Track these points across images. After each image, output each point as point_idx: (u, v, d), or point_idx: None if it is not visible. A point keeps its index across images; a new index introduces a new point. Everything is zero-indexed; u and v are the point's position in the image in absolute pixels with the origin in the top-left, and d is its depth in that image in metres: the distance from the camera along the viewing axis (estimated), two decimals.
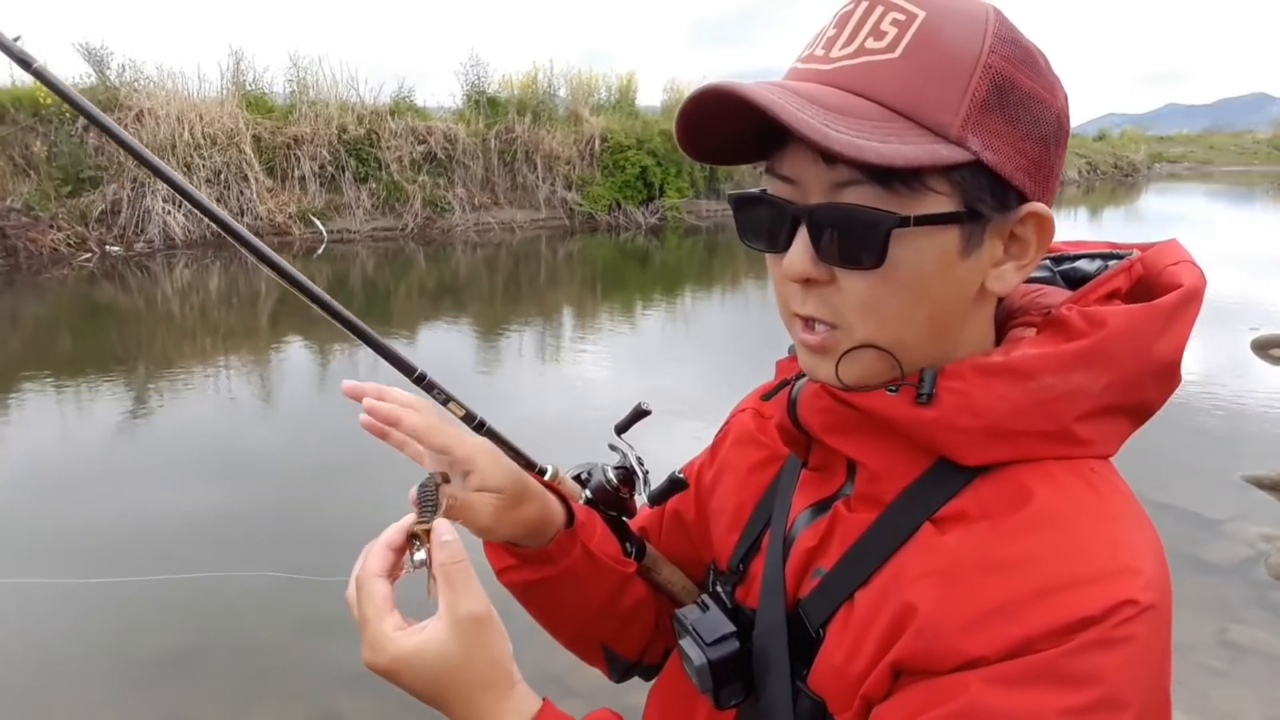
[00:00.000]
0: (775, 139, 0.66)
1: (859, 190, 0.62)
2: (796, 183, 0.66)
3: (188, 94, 12.93)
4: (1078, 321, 0.65)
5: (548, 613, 0.93)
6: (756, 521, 0.85)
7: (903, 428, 0.66)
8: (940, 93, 0.61)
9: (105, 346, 7.72)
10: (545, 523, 0.85)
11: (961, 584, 0.61)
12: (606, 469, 0.93)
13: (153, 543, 3.88)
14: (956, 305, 0.67)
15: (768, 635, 0.76)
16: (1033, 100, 0.64)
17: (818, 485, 0.78)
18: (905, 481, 0.69)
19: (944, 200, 0.62)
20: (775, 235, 0.68)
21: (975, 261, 0.65)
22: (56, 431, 5.45)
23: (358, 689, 2.85)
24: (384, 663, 0.65)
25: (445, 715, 0.68)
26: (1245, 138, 55.84)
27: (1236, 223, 19.47)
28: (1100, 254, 0.76)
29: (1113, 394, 0.65)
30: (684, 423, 4.11)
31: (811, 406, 0.72)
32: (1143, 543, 0.62)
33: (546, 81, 15.93)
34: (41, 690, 2.90)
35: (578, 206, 15.21)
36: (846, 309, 0.65)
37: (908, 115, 0.61)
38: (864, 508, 0.71)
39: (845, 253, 0.63)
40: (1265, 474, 4.62)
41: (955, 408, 0.64)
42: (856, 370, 0.67)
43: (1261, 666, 3.07)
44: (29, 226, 10.81)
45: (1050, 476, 0.64)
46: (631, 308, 9.99)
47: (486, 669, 0.66)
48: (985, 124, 0.62)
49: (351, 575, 0.69)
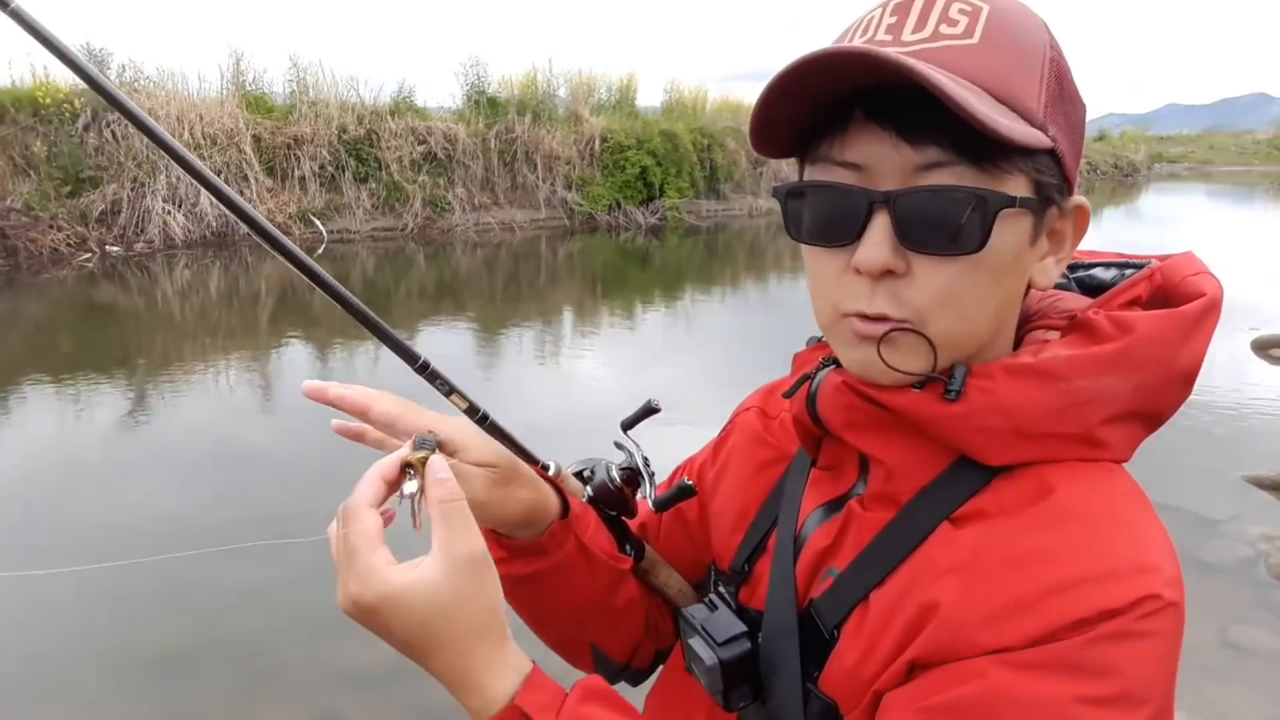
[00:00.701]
0: (829, 126, 0.63)
1: (949, 172, 0.60)
2: (865, 169, 0.62)
3: (188, 94, 12.95)
4: (1106, 325, 0.65)
5: (537, 610, 0.88)
6: (762, 522, 0.83)
7: (928, 425, 0.65)
8: (1023, 79, 0.61)
9: (105, 346, 7.72)
10: (539, 510, 0.80)
11: (982, 578, 0.60)
12: (611, 467, 0.90)
13: (151, 541, 3.88)
14: (1016, 297, 0.67)
15: (777, 637, 0.74)
16: (1074, 98, 0.65)
17: (829, 484, 0.76)
18: (923, 481, 0.68)
19: (1024, 184, 0.62)
20: (845, 226, 0.64)
21: (1035, 252, 0.65)
22: (55, 431, 5.45)
23: (360, 690, 2.85)
24: (371, 600, 0.60)
25: (430, 666, 0.62)
26: (1245, 138, 55.83)
27: (1237, 223, 19.47)
28: (1115, 263, 0.76)
29: (1136, 399, 0.65)
30: (683, 422, 4.11)
31: (833, 402, 0.70)
32: (1161, 542, 0.62)
33: (546, 81, 15.94)
34: (41, 690, 2.90)
35: (578, 206, 15.21)
36: (925, 302, 0.63)
37: (999, 97, 0.60)
38: (879, 507, 0.70)
39: (940, 238, 0.61)
40: (1265, 474, 4.62)
41: (984, 407, 0.63)
42: (905, 359, 0.64)
43: (1261, 666, 3.07)
44: (29, 226, 10.81)
45: (1071, 474, 0.63)
46: (631, 308, 9.99)
47: (482, 614, 0.62)
48: (1056, 113, 0.62)
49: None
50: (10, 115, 11.41)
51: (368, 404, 0.73)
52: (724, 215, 16.81)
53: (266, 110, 13.58)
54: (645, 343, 8.25)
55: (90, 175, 11.53)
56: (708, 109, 18.44)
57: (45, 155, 11.31)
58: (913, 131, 0.60)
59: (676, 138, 15.89)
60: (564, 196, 15.25)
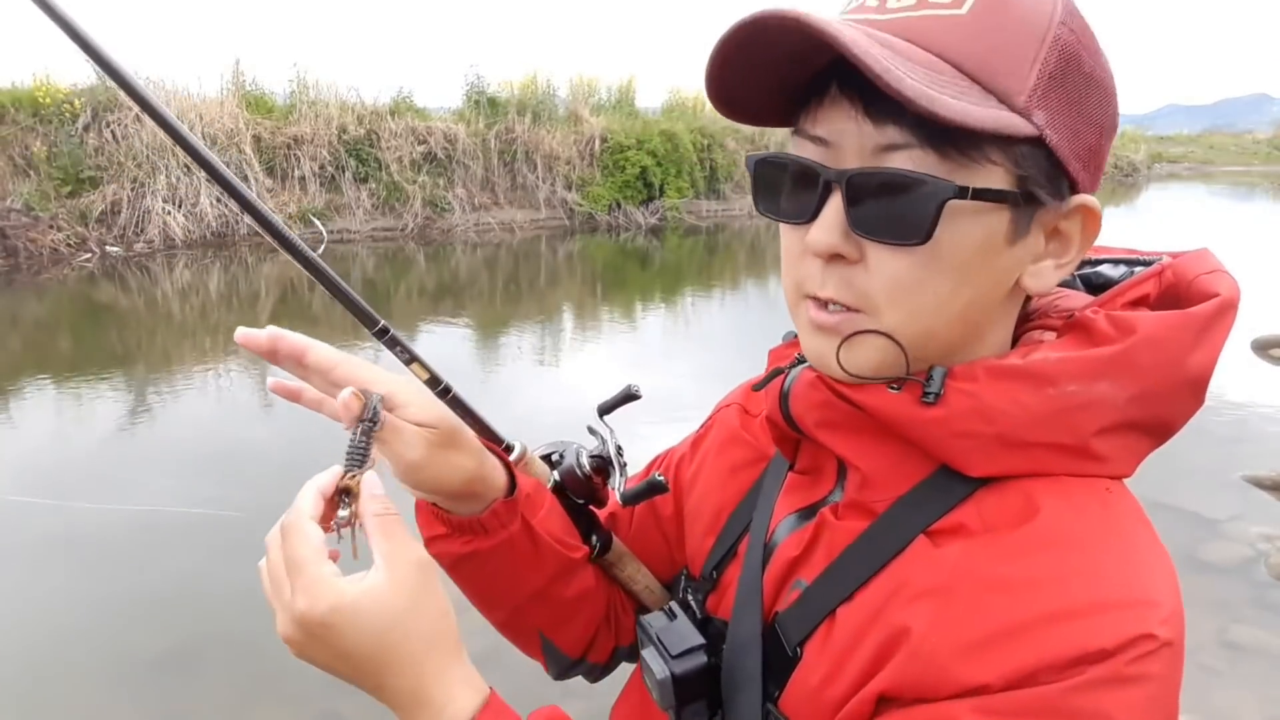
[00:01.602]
0: (808, 95, 0.59)
1: (907, 155, 0.55)
2: (831, 144, 0.58)
3: (188, 94, 12.94)
4: (1104, 326, 0.60)
5: (480, 590, 0.82)
6: (734, 527, 0.78)
7: (904, 429, 0.60)
8: (1010, 57, 0.55)
9: (105, 346, 7.72)
10: (480, 484, 0.74)
11: (959, 603, 0.55)
12: (581, 453, 0.85)
13: (150, 539, 3.88)
14: (991, 299, 0.61)
15: (740, 651, 0.69)
16: (1094, 83, 0.58)
17: (804, 490, 0.71)
18: (901, 490, 0.63)
19: (999, 176, 0.56)
20: (801, 203, 0.60)
21: (1018, 252, 0.59)
22: (54, 430, 5.45)
23: (358, 691, 2.85)
24: (321, 613, 0.56)
25: (385, 684, 0.58)
26: (1245, 138, 55.78)
27: (1237, 223, 19.46)
28: (1124, 260, 0.70)
29: (1137, 408, 0.59)
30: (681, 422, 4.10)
31: (806, 399, 0.65)
32: (1161, 573, 0.56)
33: (546, 81, 15.93)
34: (41, 691, 2.90)
35: (578, 206, 15.20)
36: (874, 292, 0.58)
37: (973, 76, 0.55)
38: (853, 516, 0.65)
39: (886, 225, 0.56)
40: (1265, 474, 4.62)
41: (964, 411, 0.58)
42: (861, 358, 0.60)
43: (1261, 666, 3.07)
44: (29, 226, 10.80)
45: (1062, 491, 0.58)
46: (631, 308, 9.98)
47: (437, 620, 0.59)
48: (1051, 99, 0.56)
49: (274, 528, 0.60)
50: (10, 115, 11.40)
51: (304, 348, 0.68)
52: (724, 215, 16.80)
53: (266, 110, 13.57)
54: (645, 342, 8.24)
55: (90, 175, 11.52)
56: (708, 109, 18.43)
57: (45, 155, 11.30)
58: (877, 109, 0.55)
59: (676, 138, 15.87)
60: (564, 196, 15.24)
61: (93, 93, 11.74)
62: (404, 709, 0.59)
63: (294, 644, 0.59)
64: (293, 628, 0.58)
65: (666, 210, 15.64)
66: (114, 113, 11.72)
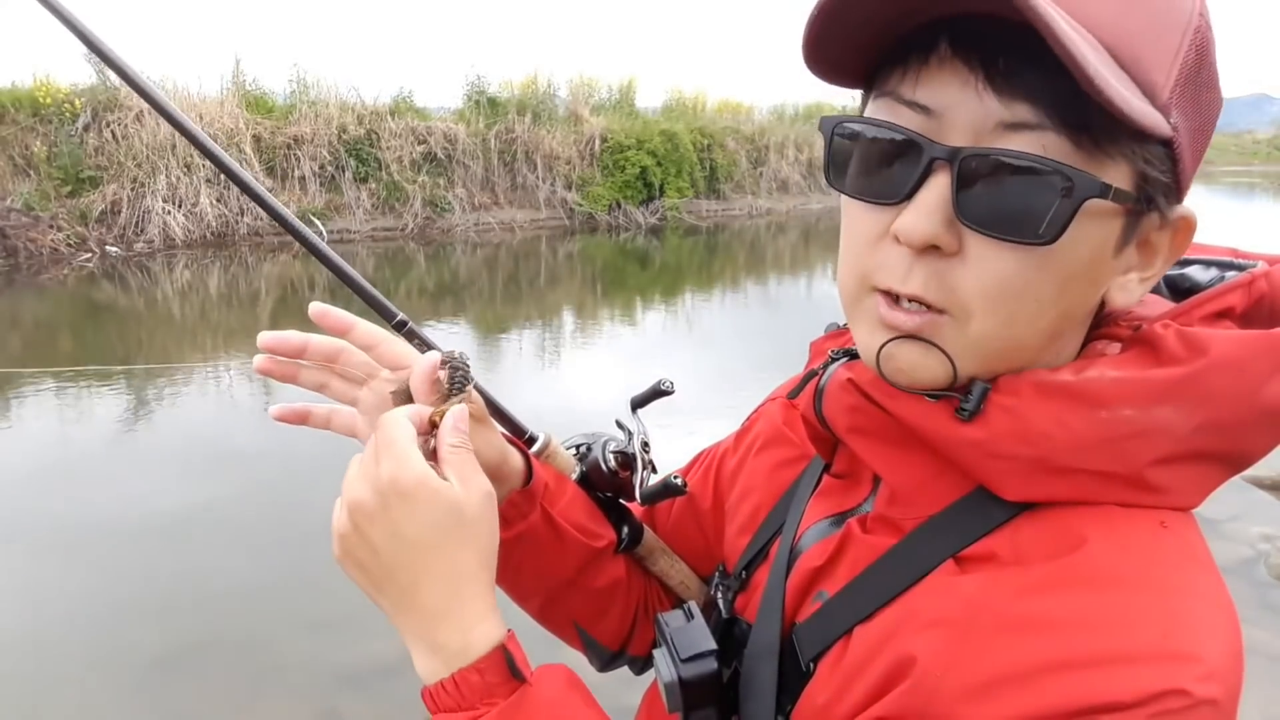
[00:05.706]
0: (905, 50, 0.51)
1: (1036, 138, 0.48)
2: (935, 114, 0.50)
3: (187, 94, 12.93)
4: (1172, 344, 0.52)
5: (507, 581, 0.80)
6: (769, 526, 0.75)
7: (938, 444, 0.55)
8: (1156, 47, 0.49)
9: (105, 346, 7.71)
10: (506, 468, 0.74)
11: (973, 640, 0.50)
12: (608, 446, 0.83)
13: (150, 539, 3.88)
14: (1081, 312, 0.55)
15: (758, 658, 0.65)
16: (1213, 85, 0.52)
17: (838, 495, 0.67)
18: (932, 508, 0.58)
19: (1124, 176, 0.49)
20: (892, 180, 0.52)
21: (1117, 263, 0.53)
22: (54, 430, 5.44)
23: (358, 687, 2.85)
24: (408, 481, 0.56)
25: (415, 585, 0.58)
26: (1245, 138, 55.82)
27: (1237, 223, 19.46)
28: (1218, 261, 0.62)
29: (1204, 438, 0.52)
30: (681, 422, 4.10)
31: (838, 401, 0.60)
32: (1211, 624, 0.51)
33: (546, 81, 15.93)
34: (41, 690, 2.90)
35: (578, 206, 15.20)
36: (970, 292, 0.51)
37: (1122, 62, 0.48)
38: (881, 531, 0.60)
39: (1005, 218, 0.49)
40: (1265, 474, 4.62)
41: (1004, 431, 0.53)
42: (924, 369, 0.54)
43: (1261, 666, 3.06)
44: (29, 226, 10.79)
45: (1109, 523, 0.52)
46: (631, 308, 9.98)
47: (490, 549, 0.60)
48: (1184, 99, 0.50)
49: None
50: (10, 115, 11.40)
51: (350, 323, 0.70)
52: (724, 215, 16.79)
53: (266, 110, 13.56)
54: (645, 341, 8.24)
55: (90, 175, 11.52)
56: (708, 109, 18.44)
57: (45, 155, 11.30)
58: (1004, 79, 0.48)
59: (676, 138, 15.87)
60: (564, 196, 15.23)
61: (93, 92, 11.74)
62: (424, 620, 0.58)
63: (358, 516, 0.58)
64: (368, 493, 0.57)
65: (666, 210, 15.64)
66: (114, 112, 11.71)
